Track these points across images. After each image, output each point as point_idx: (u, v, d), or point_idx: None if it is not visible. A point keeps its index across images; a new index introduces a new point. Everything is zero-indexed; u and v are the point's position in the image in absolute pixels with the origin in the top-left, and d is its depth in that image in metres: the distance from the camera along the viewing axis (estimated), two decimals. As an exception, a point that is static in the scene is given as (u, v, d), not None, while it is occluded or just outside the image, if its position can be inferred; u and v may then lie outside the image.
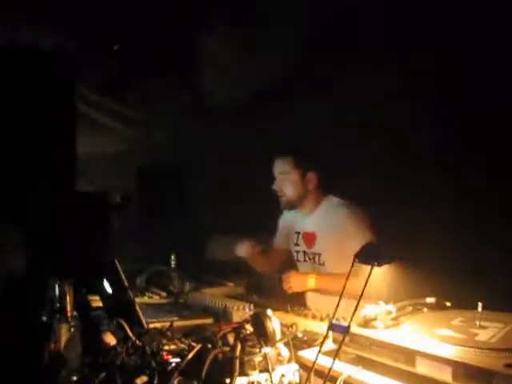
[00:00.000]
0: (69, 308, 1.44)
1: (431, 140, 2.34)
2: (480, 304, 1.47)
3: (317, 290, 2.24)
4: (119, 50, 3.87)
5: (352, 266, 1.20)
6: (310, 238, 2.49)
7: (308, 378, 1.19)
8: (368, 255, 1.15)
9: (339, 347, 1.06)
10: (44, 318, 1.48)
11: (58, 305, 1.48)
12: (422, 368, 1.16)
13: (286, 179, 2.44)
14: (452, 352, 1.13)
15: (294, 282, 2.22)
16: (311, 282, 2.22)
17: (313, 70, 3.03)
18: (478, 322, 1.32)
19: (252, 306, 1.97)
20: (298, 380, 1.30)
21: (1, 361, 1.46)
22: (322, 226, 2.41)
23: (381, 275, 1.29)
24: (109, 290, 1.77)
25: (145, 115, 4.28)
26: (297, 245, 2.56)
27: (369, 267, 1.14)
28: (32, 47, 3.37)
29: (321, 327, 1.71)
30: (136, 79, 4.02)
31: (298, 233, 2.56)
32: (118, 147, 4.24)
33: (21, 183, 2.68)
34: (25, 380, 1.39)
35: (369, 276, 1.11)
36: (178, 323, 1.80)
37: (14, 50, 3.33)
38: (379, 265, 1.14)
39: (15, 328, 1.60)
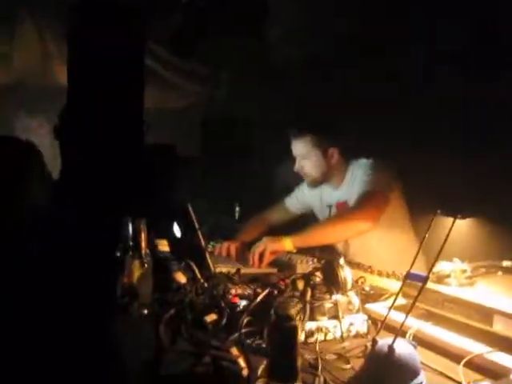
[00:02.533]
0: (143, 245, 1.49)
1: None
2: (561, 271, 1.41)
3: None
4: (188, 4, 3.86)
5: (432, 219, 1.15)
6: (344, 208, 2.37)
7: (379, 330, 1.18)
8: (451, 207, 1.11)
9: (417, 296, 1.03)
10: (118, 254, 1.53)
11: (131, 242, 1.53)
12: (500, 327, 1.13)
13: (306, 159, 2.33)
14: (534, 312, 1.09)
15: (268, 247, 2.01)
16: (288, 244, 2.02)
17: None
18: (560, 287, 1.26)
19: (315, 259, 1.98)
20: (365, 330, 1.30)
21: (78, 292, 1.53)
22: (352, 192, 2.26)
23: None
24: (178, 233, 1.81)
25: (213, 70, 4.27)
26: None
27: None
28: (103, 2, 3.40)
29: (387, 283, 1.69)
30: (204, 34, 4.01)
31: (330, 206, 2.44)
32: (185, 102, 4.27)
33: (97, 133, 2.76)
34: (100, 309, 1.45)
35: (450, 229, 1.07)
36: (244, 270, 1.82)
37: (84, 4, 3.37)
38: (463, 217, 1.10)
39: (92, 262, 1.67)
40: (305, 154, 2.32)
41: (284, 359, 0.98)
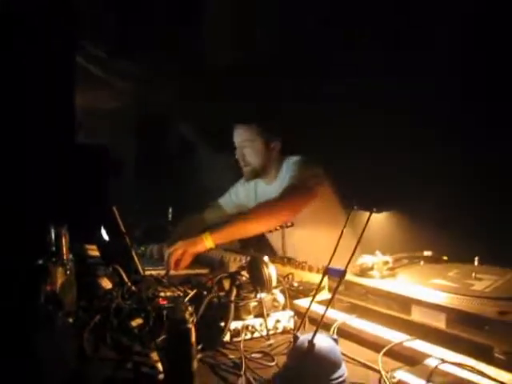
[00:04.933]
0: (64, 251, 1.44)
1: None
2: (476, 258, 1.48)
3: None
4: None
5: (349, 214, 1.18)
6: None
7: (302, 323, 1.20)
8: (367, 201, 1.14)
9: (335, 290, 1.05)
10: (40, 261, 1.47)
11: (54, 248, 1.48)
12: (417, 315, 1.17)
13: (249, 147, 2.32)
14: (447, 300, 1.14)
15: (188, 250, 1.93)
16: (209, 242, 1.97)
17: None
18: (473, 274, 1.32)
19: (248, 258, 1.98)
20: (292, 326, 1.31)
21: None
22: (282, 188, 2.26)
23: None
24: (106, 237, 1.77)
25: (146, 72, 4.20)
26: None
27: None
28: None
29: (317, 279, 1.71)
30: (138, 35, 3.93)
31: None
32: (118, 102, 4.18)
33: (21, 131, 2.65)
34: (22, 319, 1.39)
35: (367, 222, 1.10)
36: (174, 272, 1.80)
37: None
38: (378, 211, 1.13)
39: (12, 270, 1.60)
40: (248, 142, 2.32)
41: (179, 363, 0.96)
